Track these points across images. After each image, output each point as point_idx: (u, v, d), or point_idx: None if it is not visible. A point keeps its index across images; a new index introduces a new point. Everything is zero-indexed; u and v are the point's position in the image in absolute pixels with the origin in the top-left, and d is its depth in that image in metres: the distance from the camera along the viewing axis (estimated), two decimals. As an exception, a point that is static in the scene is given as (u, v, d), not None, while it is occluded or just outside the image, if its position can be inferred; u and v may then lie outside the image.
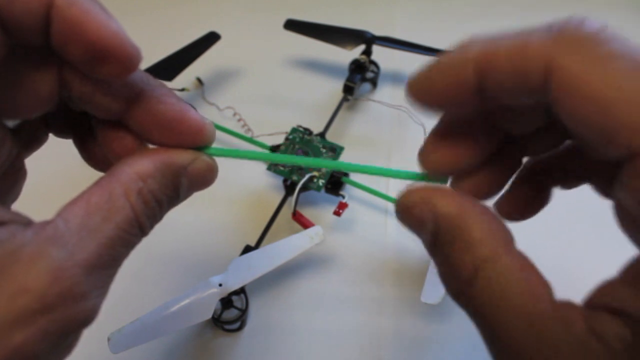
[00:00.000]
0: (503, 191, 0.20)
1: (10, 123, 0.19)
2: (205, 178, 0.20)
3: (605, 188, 0.18)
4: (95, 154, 0.22)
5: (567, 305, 0.14)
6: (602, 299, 0.14)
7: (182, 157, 0.19)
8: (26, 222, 0.16)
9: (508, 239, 0.16)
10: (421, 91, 0.17)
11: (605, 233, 0.20)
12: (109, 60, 0.17)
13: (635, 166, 0.13)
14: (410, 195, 0.17)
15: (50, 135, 0.22)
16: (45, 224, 0.15)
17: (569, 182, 0.19)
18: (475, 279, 0.15)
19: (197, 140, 0.19)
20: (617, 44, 0.13)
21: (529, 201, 0.20)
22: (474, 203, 0.16)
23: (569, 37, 0.14)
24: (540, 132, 0.18)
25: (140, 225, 0.17)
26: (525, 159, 0.20)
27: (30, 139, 0.21)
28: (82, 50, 0.16)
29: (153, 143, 0.19)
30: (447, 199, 0.16)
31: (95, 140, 0.21)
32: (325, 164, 0.22)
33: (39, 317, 0.14)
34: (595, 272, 0.16)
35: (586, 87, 0.13)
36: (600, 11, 0.60)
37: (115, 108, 0.19)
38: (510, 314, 0.14)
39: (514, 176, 0.20)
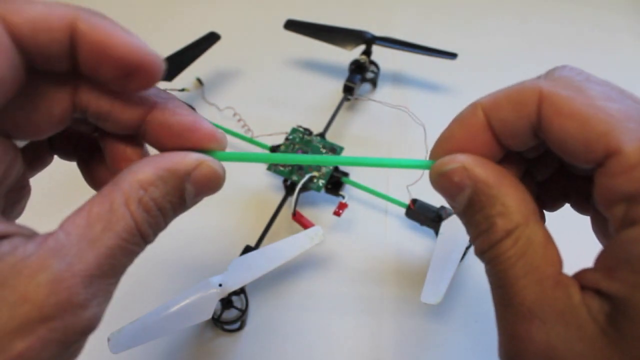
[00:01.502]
0: None
1: (20, 143, 0.20)
2: (211, 183, 0.19)
3: (582, 206, 0.21)
4: (99, 177, 0.22)
5: (569, 278, 0.17)
6: (584, 281, 0.16)
7: (185, 162, 0.18)
8: (29, 235, 0.16)
9: (535, 209, 0.18)
10: (445, 144, 0.19)
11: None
12: (138, 74, 0.17)
13: (606, 166, 0.16)
14: (451, 162, 0.18)
15: None
16: (48, 236, 0.16)
17: (554, 204, 0.22)
18: (505, 239, 0.17)
19: (209, 148, 0.19)
20: (591, 79, 0.17)
21: None
22: (508, 174, 0.18)
23: (556, 75, 0.18)
24: (540, 159, 0.21)
25: (142, 234, 0.17)
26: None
27: (35, 160, 0.22)
28: (112, 69, 0.17)
29: (165, 150, 0.20)
30: (486, 167, 0.18)
31: (99, 163, 0.22)
32: (329, 160, 0.22)
33: (38, 326, 0.15)
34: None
35: (570, 108, 0.16)
36: (601, 11, 0.60)
37: (131, 122, 0.19)
38: (526, 269, 0.17)
39: None
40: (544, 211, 0.22)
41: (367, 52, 0.49)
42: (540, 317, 0.16)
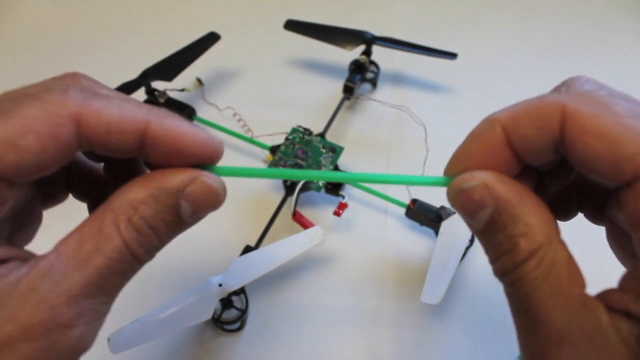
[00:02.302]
0: None
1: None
2: (208, 199, 0.19)
3: (596, 216, 0.21)
4: None
5: (594, 299, 0.16)
6: (610, 302, 0.16)
7: (176, 179, 0.18)
8: (26, 258, 0.16)
9: (557, 228, 0.17)
10: (461, 162, 0.19)
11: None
12: (202, 161, 0.19)
13: (635, 188, 0.15)
14: (472, 179, 0.18)
15: None
16: (41, 257, 0.16)
17: (567, 214, 0.22)
18: (529, 260, 0.17)
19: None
20: (614, 94, 0.17)
21: None
22: (529, 193, 0.18)
23: (577, 90, 0.17)
24: (553, 170, 0.20)
25: (132, 253, 0.17)
26: None
27: (50, 196, 0.22)
28: (184, 162, 0.19)
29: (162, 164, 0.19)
30: (508, 185, 0.18)
31: None
32: (335, 176, 0.21)
33: (22, 345, 0.15)
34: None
35: (596, 126, 0.16)
36: (601, 11, 0.60)
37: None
38: (553, 290, 0.16)
39: None
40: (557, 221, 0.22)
41: (367, 52, 0.49)
42: (571, 341, 0.15)
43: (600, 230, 0.21)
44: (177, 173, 0.18)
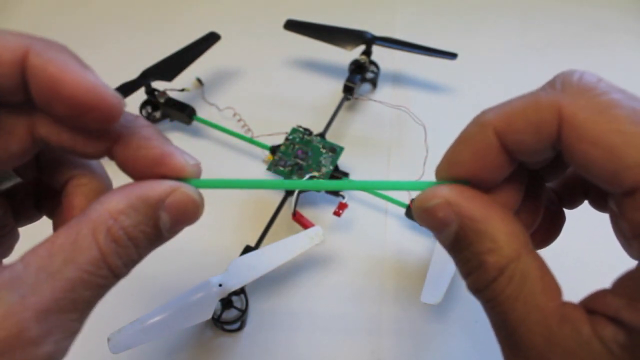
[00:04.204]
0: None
1: None
2: (187, 211, 0.18)
3: (601, 203, 0.20)
4: None
5: (573, 306, 0.15)
6: (598, 307, 0.15)
7: (157, 190, 0.17)
8: None
9: (527, 240, 0.17)
10: (452, 167, 0.18)
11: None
12: (91, 113, 0.16)
13: (636, 199, 0.14)
14: (434, 197, 0.17)
15: None
16: (5, 267, 0.15)
17: (573, 202, 0.21)
18: (499, 277, 0.16)
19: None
20: (614, 94, 0.15)
21: (551, 226, 0.21)
22: (495, 206, 0.17)
23: (574, 88, 0.16)
24: (550, 165, 0.19)
25: (109, 266, 0.16)
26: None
27: (21, 213, 0.21)
28: (63, 106, 0.16)
29: (135, 180, 0.19)
30: (471, 201, 0.17)
31: None
32: (319, 185, 0.21)
33: None
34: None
35: (594, 134, 0.15)
36: (601, 11, 0.60)
37: (96, 156, 0.18)
38: (527, 308, 0.15)
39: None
40: (564, 210, 0.21)
41: (367, 52, 0.49)
42: (546, 352, 0.15)
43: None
44: (158, 184, 0.18)
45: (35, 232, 0.20)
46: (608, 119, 0.15)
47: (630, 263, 0.16)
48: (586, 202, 0.21)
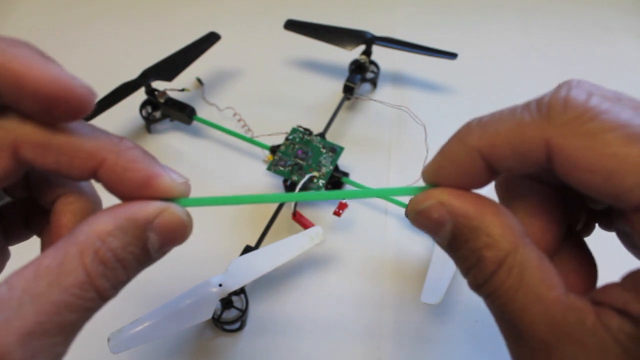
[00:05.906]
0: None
1: None
2: (176, 231, 0.18)
3: (606, 224, 0.20)
4: None
5: (576, 296, 0.16)
6: (606, 299, 0.15)
7: (146, 210, 0.17)
8: None
9: (522, 232, 0.17)
10: (436, 179, 0.18)
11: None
12: (60, 105, 0.16)
13: None
14: (427, 199, 0.18)
15: None
16: None
17: (587, 229, 0.21)
18: (498, 271, 0.16)
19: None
20: (605, 115, 0.15)
21: (583, 260, 0.20)
22: (488, 201, 0.17)
23: (560, 118, 0.15)
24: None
25: (96, 288, 0.16)
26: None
27: (10, 233, 0.21)
28: (32, 102, 0.16)
29: (124, 200, 0.18)
30: (463, 199, 0.17)
31: None
32: (316, 196, 0.21)
33: None
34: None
35: (587, 162, 0.14)
36: (601, 11, 0.60)
37: (80, 177, 0.18)
38: (528, 299, 0.16)
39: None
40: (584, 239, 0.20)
41: (367, 52, 0.49)
42: (559, 348, 0.15)
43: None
44: (146, 205, 0.17)
45: (28, 250, 0.20)
46: (601, 143, 0.14)
47: (637, 263, 0.16)
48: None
